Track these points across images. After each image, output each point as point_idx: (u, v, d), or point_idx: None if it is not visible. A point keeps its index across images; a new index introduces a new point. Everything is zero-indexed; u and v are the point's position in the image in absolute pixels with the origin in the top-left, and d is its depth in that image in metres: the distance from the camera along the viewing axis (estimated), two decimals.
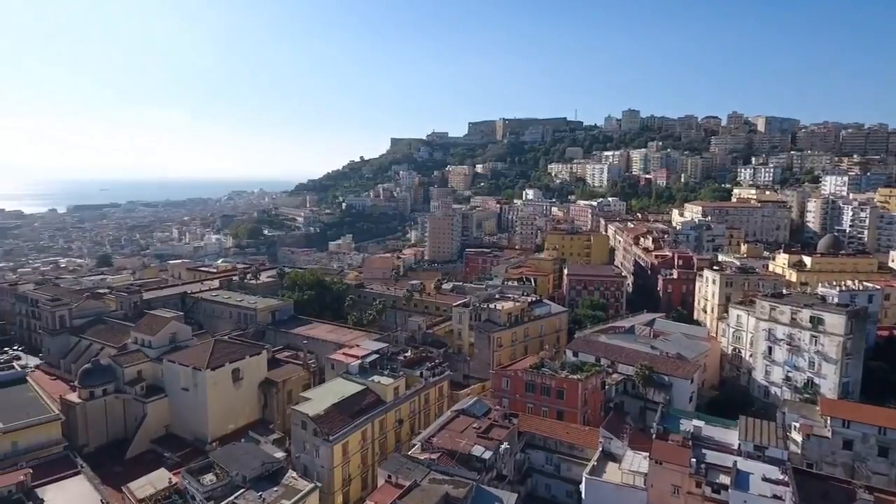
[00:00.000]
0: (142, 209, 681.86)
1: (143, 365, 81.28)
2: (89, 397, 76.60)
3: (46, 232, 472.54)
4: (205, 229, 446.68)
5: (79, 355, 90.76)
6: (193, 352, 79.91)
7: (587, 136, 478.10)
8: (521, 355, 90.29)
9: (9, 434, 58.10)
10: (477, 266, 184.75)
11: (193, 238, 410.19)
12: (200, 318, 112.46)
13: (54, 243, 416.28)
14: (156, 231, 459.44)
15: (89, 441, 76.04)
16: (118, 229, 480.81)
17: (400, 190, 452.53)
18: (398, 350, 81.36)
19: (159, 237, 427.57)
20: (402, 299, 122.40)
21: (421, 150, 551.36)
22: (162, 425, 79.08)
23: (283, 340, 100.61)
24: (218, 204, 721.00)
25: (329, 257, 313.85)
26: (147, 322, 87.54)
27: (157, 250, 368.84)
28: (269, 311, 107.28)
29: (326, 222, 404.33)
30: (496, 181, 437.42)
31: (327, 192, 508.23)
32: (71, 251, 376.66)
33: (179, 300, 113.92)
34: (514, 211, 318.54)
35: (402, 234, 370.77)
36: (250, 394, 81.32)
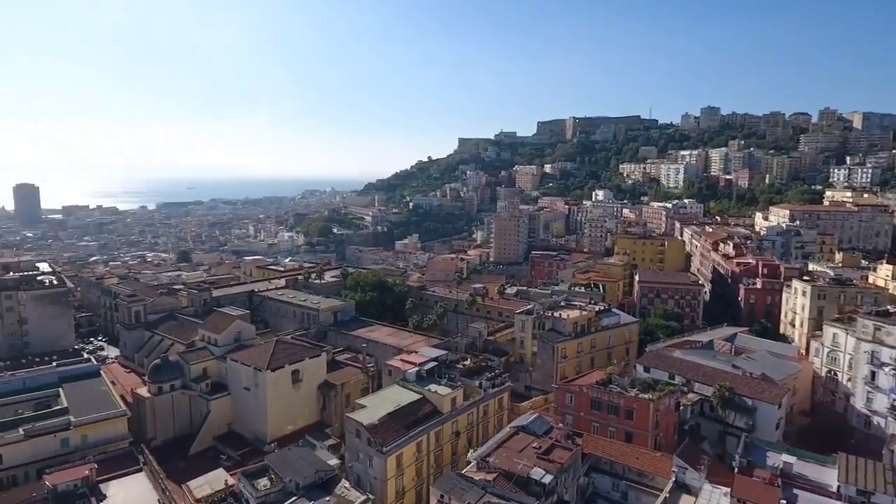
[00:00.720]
0: (222, 207, 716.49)
1: (208, 362, 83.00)
2: (158, 392, 78.91)
3: (137, 227, 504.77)
4: (279, 227, 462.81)
5: (151, 350, 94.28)
6: (255, 352, 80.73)
7: (662, 135, 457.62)
8: (587, 368, 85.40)
9: (80, 428, 60.09)
10: (543, 269, 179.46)
11: (268, 235, 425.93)
12: (266, 316, 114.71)
13: (143, 238, 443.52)
14: (234, 228, 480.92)
15: (157, 435, 78.30)
16: (200, 226, 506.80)
17: (467, 190, 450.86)
18: (457, 358, 78.78)
19: (237, 234, 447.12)
20: (464, 303, 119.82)
21: (488, 150, 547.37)
22: (224, 423, 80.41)
23: (344, 342, 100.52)
24: (292, 202, 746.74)
25: (395, 256, 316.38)
26: (213, 320, 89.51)
27: (234, 246, 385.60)
28: (331, 311, 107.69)
29: (394, 221, 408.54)
30: (565, 181, 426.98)
31: (395, 192, 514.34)
32: (157, 246, 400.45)
33: (247, 298, 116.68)
34: (583, 212, 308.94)
35: (468, 234, 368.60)
36: (309, 396, 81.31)
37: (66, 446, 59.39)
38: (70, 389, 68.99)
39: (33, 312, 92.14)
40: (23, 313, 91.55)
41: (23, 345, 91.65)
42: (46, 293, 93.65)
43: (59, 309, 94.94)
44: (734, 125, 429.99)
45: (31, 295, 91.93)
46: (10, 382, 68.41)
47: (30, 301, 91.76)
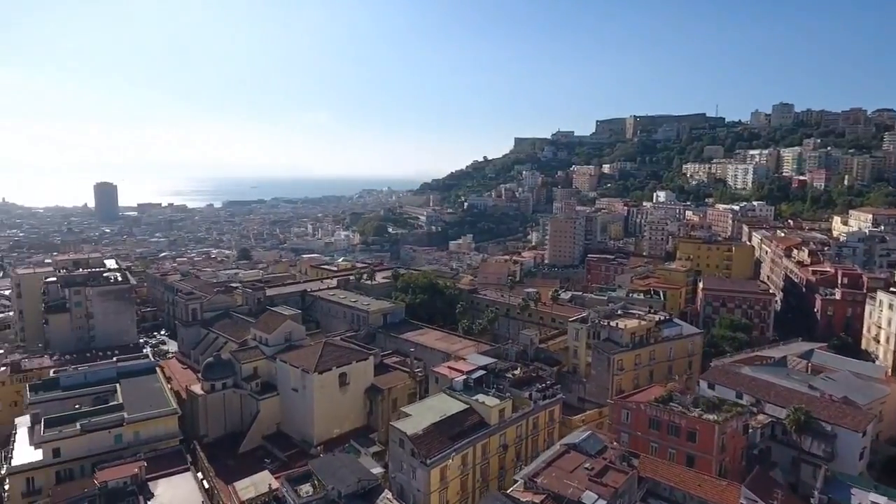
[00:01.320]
0: (284, 206, 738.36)
1: (259, 362, 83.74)
2: (210, 390, 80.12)
3: (204, 225, 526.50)
4: (336, 225, 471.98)
5: (206, 347, 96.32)
6: (304, 353, 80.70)
7: (729, 134, 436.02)
8: (646, 382, 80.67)
9: (132, 424, 61.34)
10: (599, 273, 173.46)
11: (325, 234, 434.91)
12: (318, 316, 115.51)
13: (209, 235, 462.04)
14: (293, 226, 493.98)
15: (209, 432, 79.51)
16: (262, 224, 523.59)
17: (522, 190, 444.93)
18: (507, 366, 75.96)
19: (296, 232, 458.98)
20: (516, 308, 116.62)
21: (545, 150, 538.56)
22: (273, 423, 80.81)
23: (393, 345, 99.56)
24: (350, 202, 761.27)
25: (448, 256, 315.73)
26: (265, 320, 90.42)
27: (293, 244, 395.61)
28: (380, 313, 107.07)
29: (448, 221, 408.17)
30: (624, 182, 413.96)
31: (450, 192, 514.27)
32: (222, 243, 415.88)
33: (300, 297, 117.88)
34: (643, 214, 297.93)
35: (523, 235, 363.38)
36: (356, 399, 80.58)
37: (120, 442, 60.75)
38: (126, 385, 70.87)
39: (99, 307, 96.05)
40: (90, 308, 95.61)
41: (89, 338, 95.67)
42: (111, 289, 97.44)
43: (122, 305, 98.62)
44: (809, 123, 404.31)
45: (98, 291, 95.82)
46: (73, 376, 70.96)
47: (96, 296, 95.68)
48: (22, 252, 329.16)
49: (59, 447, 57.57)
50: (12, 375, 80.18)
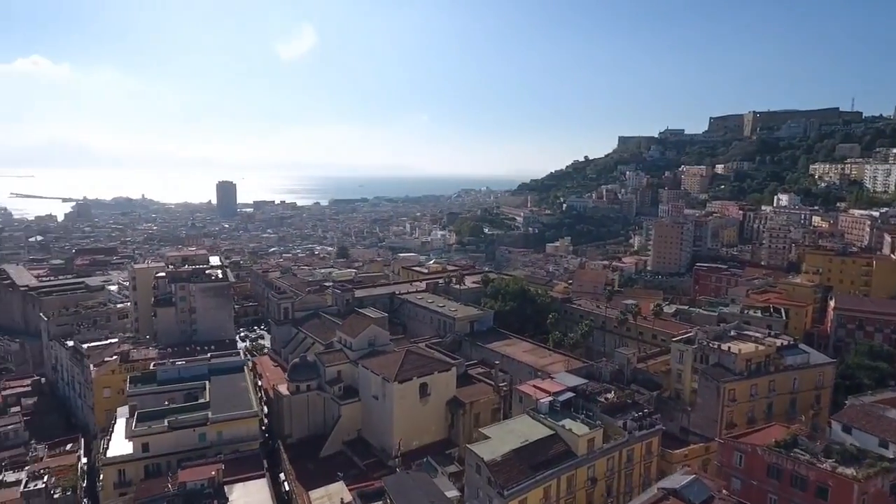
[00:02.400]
0: (385, 204, 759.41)
1: (342, 366, 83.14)
2: (295, 391, 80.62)
3: (311, 222, 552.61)
4: (433, 225, 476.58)
5: (295, 347, 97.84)
6: (386, 360, 78.91)
7: (868, 130, 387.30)
8: (762, 416, 70.58)
9: (216, 424, 62.23)
10: (709, 284, 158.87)
11: (422, 233, 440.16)
12: (405, 320, 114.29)
13: (315, 232, 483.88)
14: (392, 225, 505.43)
15: (293, 432, 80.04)
16: (363, 222, 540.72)
17: (625, 192, 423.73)
18: (599, 388, 69.34)
19: (394, 231, 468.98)
20: (612, 321, 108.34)
21: (651, 150, 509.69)
22: (354, 429, 79.81)
23: (479, 354, 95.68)
24: (448, 201, 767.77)
25: (545, 259, 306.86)
26: (350, 323, 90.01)
27: (391, 243, 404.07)
28: (467, 320, 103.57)
29: (545, 223, 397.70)
30: (739, 184, 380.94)
31: (549, 193, 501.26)
32: (325, 240, 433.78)
33: (388, 300, 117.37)
34: (762, 219, 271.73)
35: (625, 239, 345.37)
36: (437, 411, 77.62)
37: (204, 441, 61.87)
38: (216, 383, 72.63)
39: (201, 303, 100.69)
40: (193, 303, 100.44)
41: (191, 332, 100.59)
42: (212, 286, 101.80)
43: (222, 301, 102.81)
44: None
45: (200, 287, 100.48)
46: (169, 371, 73.92)
47: (198, 292, 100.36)
48: (153, 244, 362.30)
49: (149, 442, 59.49)
50: (121, 365, 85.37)
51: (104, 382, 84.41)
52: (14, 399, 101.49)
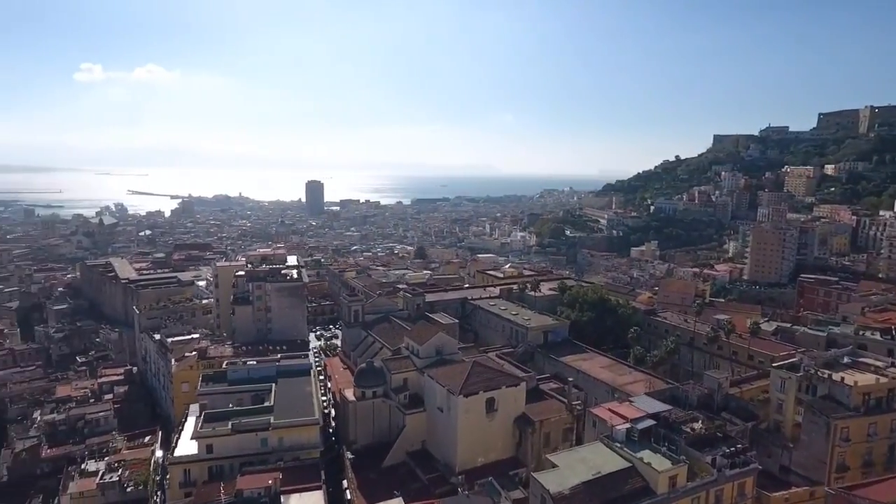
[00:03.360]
0: (466, 204, 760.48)
1: (409, 373, 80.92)
2: (361, 397, 79.33)
3: (392, 221, 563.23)
4: (513, 226, 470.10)
5: (364, 350, 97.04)
6: (452, 371, 75.74)
7: None
8: (882, 461, 60.85)
9: (277, 430, 61.71)
10: (815, 298, 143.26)
11: (502, 234, 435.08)
12: (476, 326, 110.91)
13: (396, 231, 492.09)
14: (472, 225, 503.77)
15: (357, 439, 78.76)
16: (443, 222, 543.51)
17: (720, 193, 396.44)
18: (685, 417, 62.39)
19: (474, 231, 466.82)
20: (702, 338, 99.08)
21: (751, 149, 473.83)
22: (419, 440, 77.34)
23: (552, 368, 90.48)
24: (530, 201, 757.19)
25: (629, 264, 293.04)
26: (418, 329, 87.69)
27: (470, 243, 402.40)
28: (541, 330, 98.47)
29: (631, 226, 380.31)
30: (853, 186, 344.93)
31: (635, 194, 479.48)
32: (406, 239, 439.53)
33: (460, 305, 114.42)
34: (879, 226, 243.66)
35: (718, 244, 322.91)
36: (504, 428, 73.45)
37: (265, 446, 61.57)
38: (282, 386, 72.68)
39: (276, 302, 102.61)
40: (268, 302, 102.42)
41: (266, 330, 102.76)
42: (286, 286, 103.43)
43: (295, 301, 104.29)
44: None
45: (275, 287, 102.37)
46: (238, 371, 74.91)
47: (273, 292, 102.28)
48: (245, 241, 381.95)
49: (213, 444, 59.85)
50: (199, 361, 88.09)
51: (183, 377, 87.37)
52: (108, 387, 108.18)
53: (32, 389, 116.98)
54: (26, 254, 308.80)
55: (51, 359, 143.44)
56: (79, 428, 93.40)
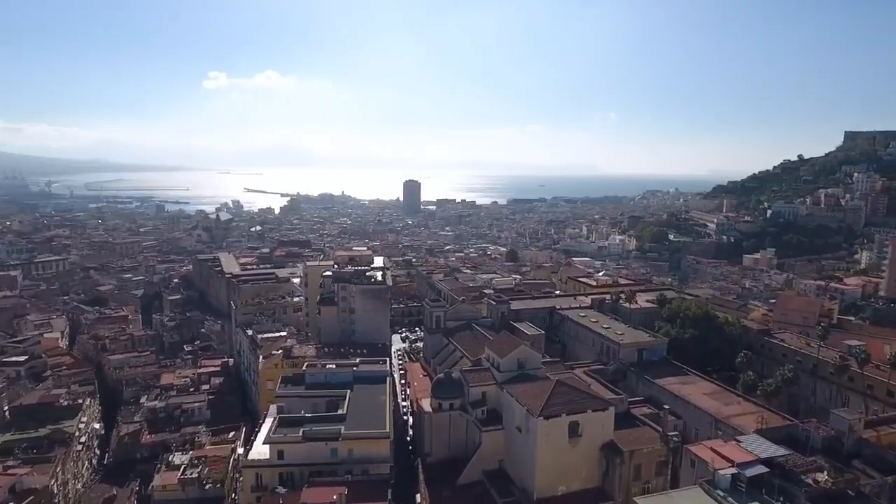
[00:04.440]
0: (563, 205, 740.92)
1: (488, 387, 76.76)
2: (438, 408, 76.39)
3: (487, 221, 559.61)
4: (611, 229, 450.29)
5: (444, 359, 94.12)
6: (533, 389, 70.58)
7: None
8: None
9: (346, 441, 60.04)
10: None
11: (599, 237, 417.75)
12: (564, 338, 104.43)
13: (490, 231, 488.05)
14: (568, 227, 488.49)
15: (433, 451, 75.96)
16: (539, 223, 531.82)
17: (851, 197, 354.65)
18: (805, 465, 53.19)
19: (570, 233, 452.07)
20: (828, 366, 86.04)
21: (890, 147, 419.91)
22: (496, 459, 72.98)
23: (646, 390, 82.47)
24: (631, 203, 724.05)
25: (741, 273, 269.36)
26: (500, 340, 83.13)
27: (566, 246, 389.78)
28: (635, 347, 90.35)
29: (744, 231, 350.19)
30: None
31: (750, 196, 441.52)
32: (500, 240, 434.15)
33: (547, 315, 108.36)
34: None
35: (847, 254, 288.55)
36: (589, 455, 67.24)
37: (335, 457, 60.12)
38: (357, 393, 71.26)
39: (360, 304, 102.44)
40: (352, 304, 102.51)
41: (350, 332, 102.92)
42: (370, 288, 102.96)
43: (379, 304, 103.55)
44: None
45: (359, 288, 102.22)
46: (316, 375, 74.57)
47: (358, 293, 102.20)
48: (344, 238, 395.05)
49: (284, 450, 59.29)
50: (283, 360, 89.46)
51: (268, 375, 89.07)
52: (206, 377, 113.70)
53: (144, 374, 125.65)
54: (154, 245, 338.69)
55: (164, 346, 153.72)
56: (176, 416, 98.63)
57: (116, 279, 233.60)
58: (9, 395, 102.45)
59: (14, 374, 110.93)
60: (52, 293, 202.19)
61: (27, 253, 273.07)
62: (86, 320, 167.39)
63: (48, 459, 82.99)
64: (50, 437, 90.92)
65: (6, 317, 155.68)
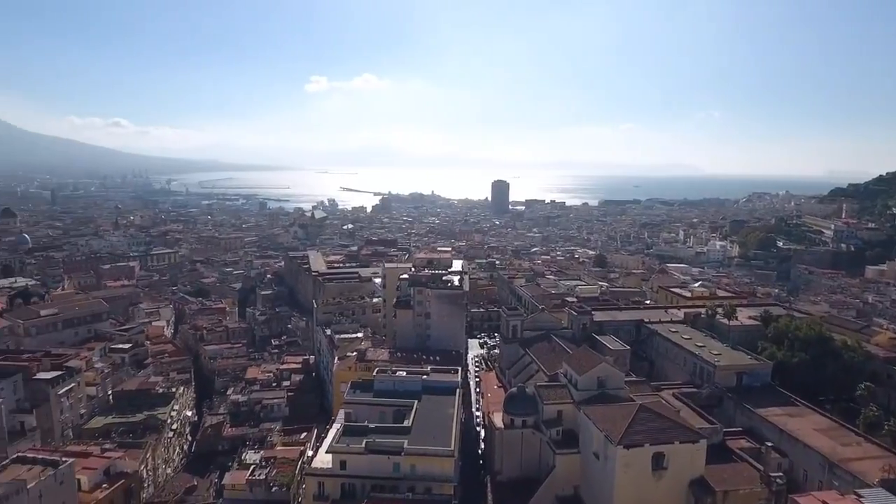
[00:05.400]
0: (659, 207, 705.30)
1: (564, 406, 71.81)
2: (510, 425, 72.60)
3: (577, 223, 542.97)
4: (711, 233, 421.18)
5: (519, 371, 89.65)
6: (613, 412, 64.85)
7: None
8: None
9: (409, 457, 57.71)
10: None
11: (697, 242, 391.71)
12: (652, 356, 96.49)
13: (579, 234, 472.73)
14: (663, 231, 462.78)
15: (503, 470, 72.28)
16: (632, 225, 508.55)
17: None
18: None
19: (664, 237, 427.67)
20: None
21: None
22: (571, 484, 67.90)
23: (744, 420, 73.72)
24: (734, 206, 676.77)
25: (862, 286, 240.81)
26: (579, 355, 77.70)
27: (660, 250, 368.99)
28: (734, 370, 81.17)
29: (867, 239, 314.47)
30: None
31: (875, 200, 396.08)
32: (589, 243, 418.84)
33: (633, 328, 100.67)
34: None
35: None
36: (675, 492, 60.57)
37: (397, 472, 57.90)
38: (424, 404, 68.86)
39: (435, 309, 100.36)
40: (428, 308, 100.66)
41: (425, 337, 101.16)
42: (445, 293, 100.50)
43: (455, 309, 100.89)
44: None
45: (435, 293, 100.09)
46: (385, 382, 73.02)
47: (433, 298, 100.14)
48: (431, 238, 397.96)
49: (346, 460, 58.00)
50: (357, 363, 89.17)
51: (342, 377, 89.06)
52: (287, 373, 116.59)
53: (234, 366, 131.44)
54: (255, 241, 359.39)
55: (254, 339, 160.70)
56: (256, 412, 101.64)
57: (219, 272, 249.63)
58: (113, 380, 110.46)
59: (119, 361, 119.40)
60: (162, 283, 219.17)
61: (145, 245, 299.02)
62: (189, 310, 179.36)
63: (140, 445, 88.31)
64: (144, 422, 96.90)
65: (123, 304, 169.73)
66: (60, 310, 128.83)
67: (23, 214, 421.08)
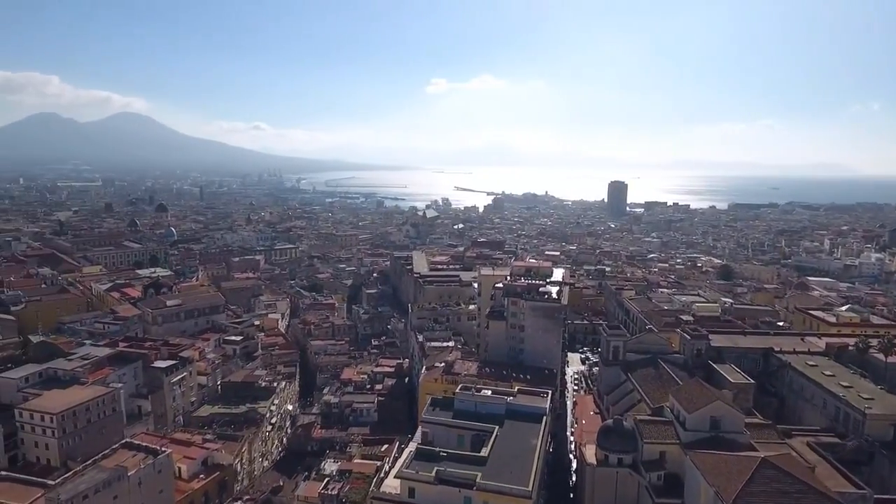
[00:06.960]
0: (799, 212, 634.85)
1: (668, 446, 62.79)
2: (603, 461, 64.93)
3: (701, 228, 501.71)
4: (866, 244, 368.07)
5: (619, 398, 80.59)
6: (727, 463, 54.72)
7: None
8: None
9: (483, 493, 52.36)
10: None
11: (847, 253, 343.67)
12: (783, 391, 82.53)
13: (704, 240, 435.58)
14: (804, 239, 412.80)
15: None
16: (766, 232, 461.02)
17: None
18: None
19: (805, 247, 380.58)
20: None
21: None
22: None
23: None
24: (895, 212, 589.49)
25: None
26: (689, 388, 67.65)
27: (799, 261, 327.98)
28: (890, 421, 66.40)
29: None
30: None
31: None
32: (714, 250, 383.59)
33: (760, 358, 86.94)
34: None
35: None
36: None
37: None
38: (506, 430, 63.06)
39: (530, 322, 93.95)
40: (522, 321, 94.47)
41: (518, 351, 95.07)
42: (541, 306, 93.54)
43: (550, 324, 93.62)
44: None
45: (530, 305, 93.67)
46: (466, 402, 68.10)
47: (528, 310, 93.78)
48: (541, 240, 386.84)
49: (415, 488, 54.02)
50: (443, 375, 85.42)
51: (428, 389, 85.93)
52: (380, 377, 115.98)
53: (335, 363, 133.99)
54: (369, 238, 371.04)
55: (357, 337, 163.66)
56: (346, 415, 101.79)
57: (333, 268, 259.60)
58: (223, 370, 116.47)
59: (231, 352, 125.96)
60: (282, 277, 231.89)
61: (270, 240, 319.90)
62: (302, 304, 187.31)
63: (237, 438, 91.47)
64: (245, 415, 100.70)
65: (246, 295, 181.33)
66: (184, 301, 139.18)
67: (174, 209, 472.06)
